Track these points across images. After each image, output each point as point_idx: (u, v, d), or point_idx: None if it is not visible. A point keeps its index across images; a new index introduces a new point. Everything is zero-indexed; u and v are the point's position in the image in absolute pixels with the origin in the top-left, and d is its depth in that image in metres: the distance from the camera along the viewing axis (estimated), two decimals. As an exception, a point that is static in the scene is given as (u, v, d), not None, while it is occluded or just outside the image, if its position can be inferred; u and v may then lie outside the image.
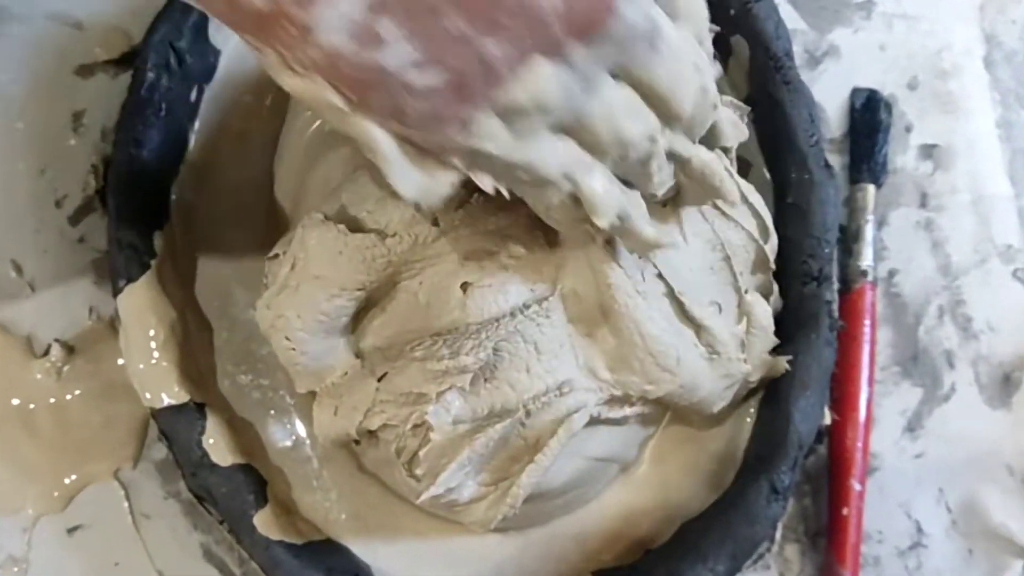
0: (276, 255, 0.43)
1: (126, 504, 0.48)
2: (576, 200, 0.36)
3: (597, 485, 0.47)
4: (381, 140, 0.32)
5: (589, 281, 0.42)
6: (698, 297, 0.44)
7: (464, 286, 0.41)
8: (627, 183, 0.37)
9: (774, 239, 0.48)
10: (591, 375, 0.43)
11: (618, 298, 0.42)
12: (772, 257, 0.47)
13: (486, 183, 0.34)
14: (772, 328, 0.47)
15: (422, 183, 0.34)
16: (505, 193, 0.35)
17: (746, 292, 0.46)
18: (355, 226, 0.41)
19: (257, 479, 0.46)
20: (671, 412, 0.47)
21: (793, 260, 0.47)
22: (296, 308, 0.41)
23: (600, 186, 0.35)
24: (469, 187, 0.35)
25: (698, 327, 0.44)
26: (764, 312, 0.47)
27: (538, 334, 0.42)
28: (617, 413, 0.44)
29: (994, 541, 0.50)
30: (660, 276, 0.43)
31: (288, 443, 0.48)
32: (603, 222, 0.36)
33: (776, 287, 0.48)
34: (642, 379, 0.43)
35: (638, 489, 0.48)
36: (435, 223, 0.41)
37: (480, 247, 0.42)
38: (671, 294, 0.43)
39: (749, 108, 0.46)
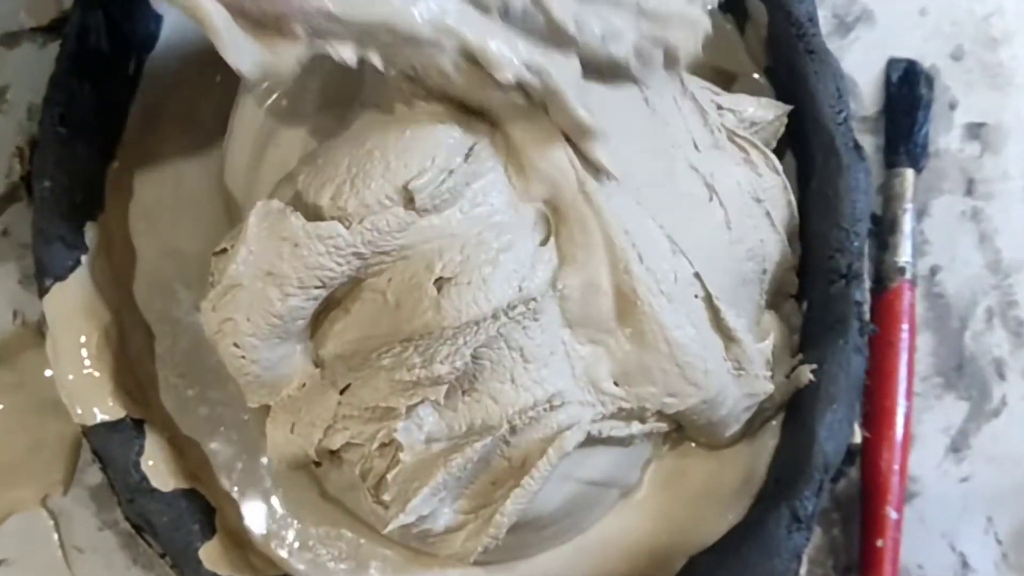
0: (223, 249, 0.42)
1: (55, 536, 0.48)
2: (474, 61, 0.38)
3: (593, 513, 0.47)
4: (209, 7, 0.34)
5: (603, 270, 0.42)
6: (730, 306, 0.45)
7: (439, 283, 0.41)
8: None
9: (799, 248, 0.48)
10: (589, 387, 0.43)
11: (640, 293, 0.42)
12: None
13: (346, 53, 0.37)
14: (788, 350, 0.47)
15: (261, 58, 0.36)
16: (379, 64, 0.37)
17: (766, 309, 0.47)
18: (313, 214, 0.41)
19: (204, 506, 0.46)
20: (677, 431, 0.47)
21: (818, 255, 0.47)
22: (245, 310, 0.41)
23: (489, 34, 0.37)
24: None
25: (729, 339, 0.44)
26: (783, 334, 0.48)
27: (525, 339, 0.42)
28: (622, 430, 0.44)
29: (1051, 577, 0.50)
30: (697, 276, 0.43)
31: (239, 465, 0.48)
32: (506, 74, 0.38)
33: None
34: (662, 391, 0.43)
35: (639, 517, 0.47)
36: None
37: None
38: (708, 299, 0.44)
39: (791, 107, 0.47)
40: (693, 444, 0.48)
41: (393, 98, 0.41)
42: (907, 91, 0.53)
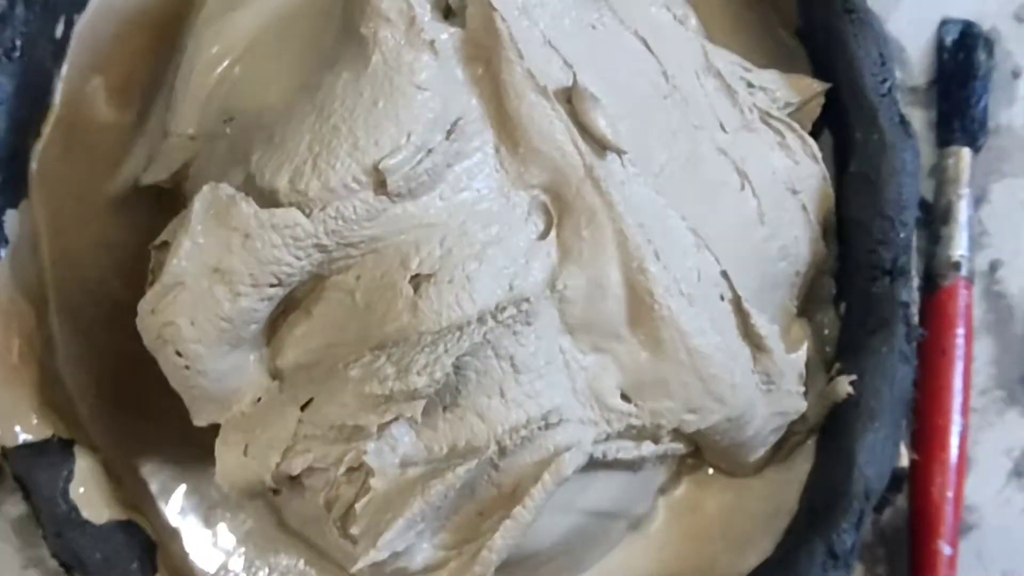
0: (164, 242, 0.42)
1: (-28, 575, 0.48)
2: None
3: (597, 548, 0.47)
4: None
5: (612, 269, 0.42)
6: (759, 311, 0.45)
7: (415, 281, 0.41)
8: None
9: (835, 247, 0.49)
10: (592, 402, 0.43)
11: (657, 295, 0.42)
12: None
13: None
14: (822, 364, 0.48)
15: None
16: None
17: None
18: (268, 200, 0.41)
19: (143, 541, 0.46)
20: (695, 455, 0.47)
21: (859, 249, 0.47)
22: (189, 312, 0.40)
23: None
24: None
25: (758, 348, 0.44)
26: (815, 346, 0.48)
27: (516, 346, 0.41)
28: (631, 452, 0.44)
29: None
30: (724, 275, 0.43)
31: (183, 487, 0.48)
32: None
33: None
34: (681, 407, 0.43)
35: (650, 553, 0.47)
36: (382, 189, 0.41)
37: None
38: (736, 302, 0.44)
39: (829, 84, 0.46)
40: (712, 470, 0.48)
41: (365, 60, 0.41)
42: (963, 57, 0.53)
